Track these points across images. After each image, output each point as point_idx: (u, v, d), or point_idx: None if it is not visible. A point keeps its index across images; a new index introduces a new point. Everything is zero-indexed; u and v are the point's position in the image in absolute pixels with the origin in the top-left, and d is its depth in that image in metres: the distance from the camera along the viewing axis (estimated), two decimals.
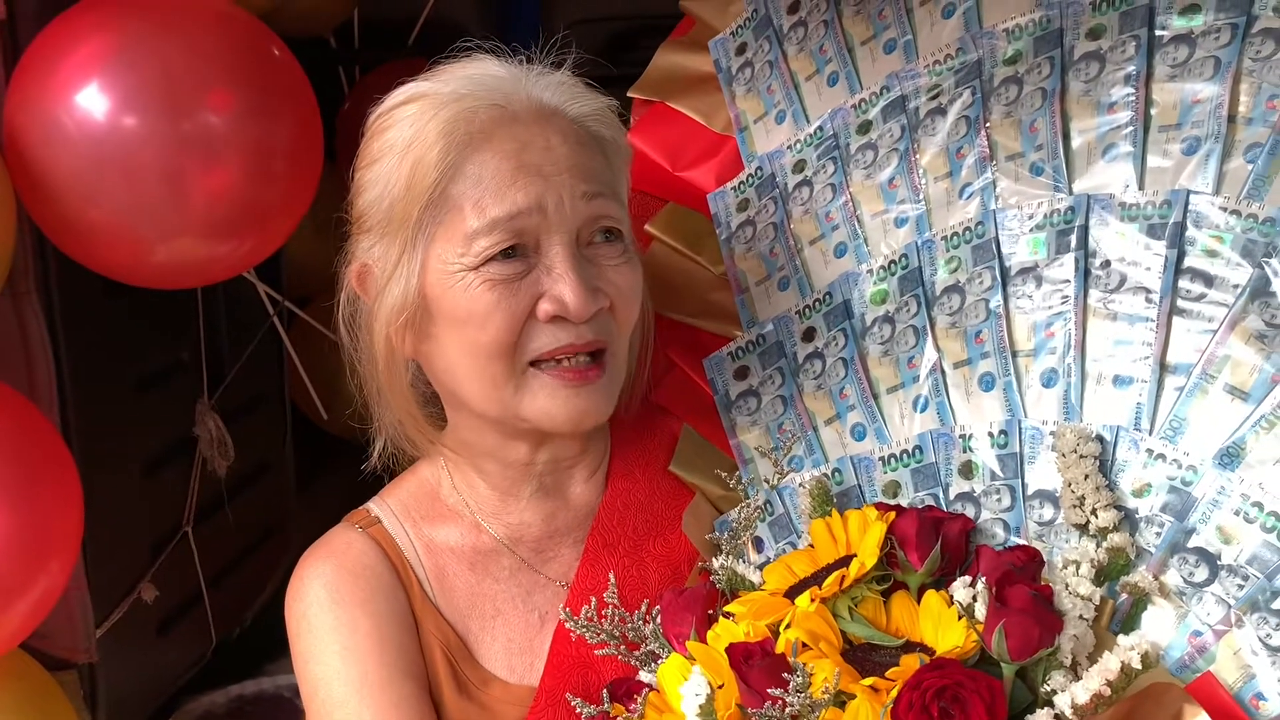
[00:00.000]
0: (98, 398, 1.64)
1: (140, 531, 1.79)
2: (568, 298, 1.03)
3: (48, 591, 1.39)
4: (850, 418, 1.16)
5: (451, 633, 1.11)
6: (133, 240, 1.42)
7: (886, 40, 1.24)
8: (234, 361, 2.03)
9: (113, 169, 1.37)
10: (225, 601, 1.99)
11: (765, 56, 1.34)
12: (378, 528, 1.15)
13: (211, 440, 1.89)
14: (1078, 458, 1.01)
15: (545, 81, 1.10)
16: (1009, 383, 1.08)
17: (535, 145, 1.04)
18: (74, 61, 1.37)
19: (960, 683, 0.86)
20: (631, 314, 1.09)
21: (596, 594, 1.09)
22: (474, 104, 1.05)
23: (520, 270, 1.04)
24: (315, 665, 1.09)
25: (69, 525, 1.42)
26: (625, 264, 1.07)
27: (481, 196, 1.03)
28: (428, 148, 1.04)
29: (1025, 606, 0.91)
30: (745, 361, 1.24)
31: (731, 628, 1.00)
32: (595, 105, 1.10)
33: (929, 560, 1.00)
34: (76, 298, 1.59)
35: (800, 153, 1.27)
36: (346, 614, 1.09)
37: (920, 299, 1.14)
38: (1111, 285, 1.05)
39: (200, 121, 1.40)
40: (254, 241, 1.55)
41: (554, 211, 1.03)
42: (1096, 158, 1.09)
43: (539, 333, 1.04)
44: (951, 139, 1.16)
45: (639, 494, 1.18)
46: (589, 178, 1.05)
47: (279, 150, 1.48)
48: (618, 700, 1.04)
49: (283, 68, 1.53)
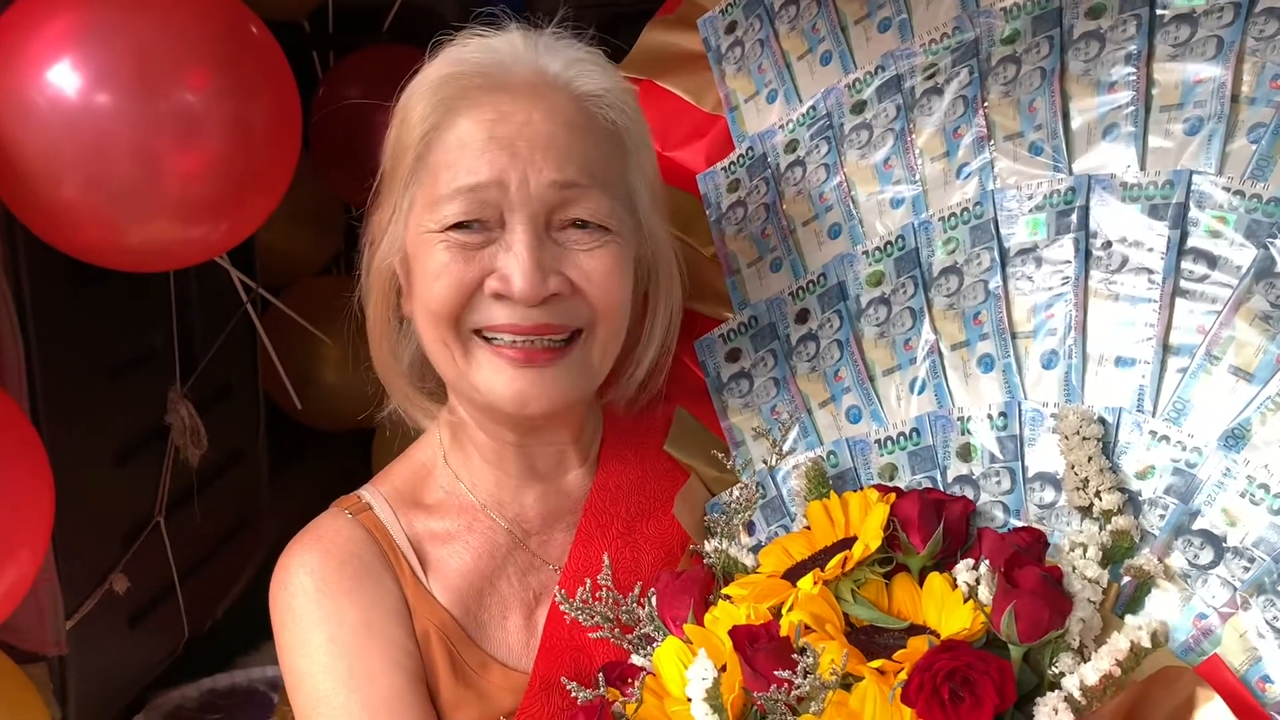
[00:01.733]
0: (69, 384, 1.60)
1: (111, 521, 1.74)
2: (515, 278, 1.00)
3: (16, 583, 1.34)
4: (845, 400, 1.14)
5: (448, 617, 1.07)
6: (105, 221, 1.38)
7: (881, 19, 1.21)
8: (207, 349, 1.98)
9: (84, 148, 1.33)
10: (197, 593, 1.94)
11: (756, 35, 1.30)
12: (368, 514, 1.10)
13: (184, 429, 1.85)
14: (1080, 440, 0.99)
15: (561, 54, 1.06)
16: (1008, 364, 1.06)
17: (514, 119, 1.01)
18: (45, 36, 1.33)
19: (971, 665, 0.84)
20: (612, 298, 1.04)
21: (590, 575, 1.06)
22: (466, 70, 1.04)
23: (479, 241, 1.02)
24: (301, 658, 1.04)
25: (39, 515, 1.37)
26: (599, 249, 1.03)
27: (454, 163, 1.02)
28: (417, 108, 1.05)
29: (1035, 588, 0.89)
30: (737, 344, 1.21)
31: (731, 610, 0.98)
32: (607, 84, 1.06)
33: (931, 542, 0.98)
34: (46, 282, 1.55)
35: (793, 133, 1.24)
36: (333, 604, 1.04)
37: (917, 280, 1.11)
38: (1113, 266, 1.03)
39: (175, 100, 1.36)
40: (229, 224, 1.50)
41: (516, 190, 1.00)
42: (1097, 138, 1.06)
43: (484, 306, 1.02)
44: (948, 119, 1.13)
45: (631, 475, 1.15)
46: (564, 164, 1.01)
47: (256, 130, 1.44)
48: (612, 684, 1.01)
49: (261, 46, 1.48)
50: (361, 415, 2.58)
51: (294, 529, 1.12)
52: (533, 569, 1.12)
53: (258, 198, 1.50)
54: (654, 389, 1.16)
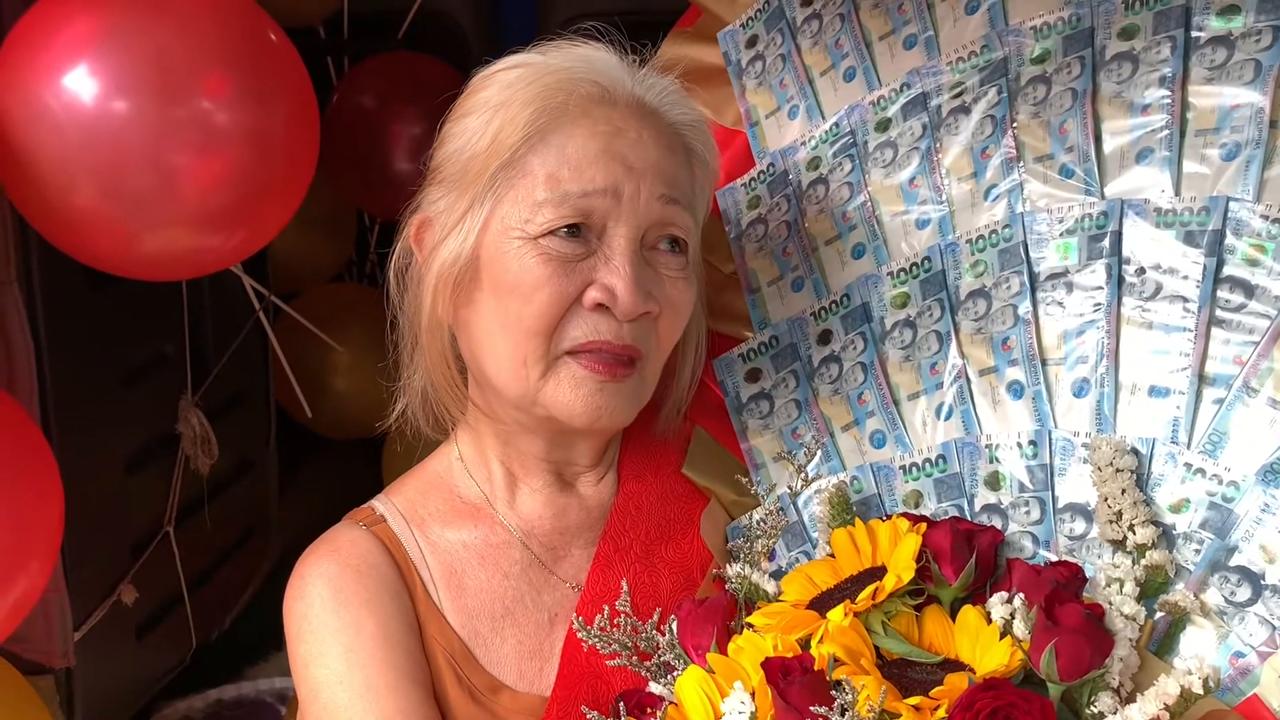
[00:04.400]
0: (80, 393, 1.57)
1: (121, 531, 1.71)
2: (619, 290, 0.98)
3: (26, 593, 1.31)
4: (869, 424, 1.10)
5: (456, 639, 1.04)
6: (120, 229, 1.35)
7: (906, 36, 1.17)
8: (218, 357, 1.95)
9: (101, 155, 1.30)
10: (205, 603, 1.91)
11: (777, 50, 1.27)
12: (382, 526, 1.07)
13: (195, 437, 1.82)
14: (1114, 471, 0.95)
15: (650, 82, 1.06)
16: (1038, 391, 1.02)
17: (628, 135, 1.00)
18: (62, 41, 1.30)
19: (1013, 704, 0.80)
20: (675, 331, 1.05)
21: (608, 601, 1.03)
22: (576, 78, 1.02)
23: (579, 252, 0.99)
24: (317, 668, 1.01)
25: (49, 525, 1.34)
26: (682, 279, 1.03)
27: (560, 168, 0.99)
28: (520, 108, 1.00)
29: (1078, 626, 0.85)
30: (757, 364, 1.17)
31: (755, 640, 0.94)
32: (694, 116, 1.08)
33: (964, 574, 0.94)
34: (59, 289, 1.52)
35: (815, 149, 1.20)
36: (351, 614, 1.01)
37: (944, 303, 1.07)
38: (1147, 293, 0.99)
39: (193, 107, 1.33)
40: (245, 234, 1.47)
41: (628, 200, 0.99)
42: (1130, 161, 1.02)
43: (581, 320, 1.00)
44: (976, 139, 1.10)
45: (650, 497, 1.11)
46: (671, 182, 1.02)
47: (274, 139, 1.41)
48: (631, 713, 0.98)
49: (279, 53, 1.45)
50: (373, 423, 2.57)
51: (303, 538, 1.09)
52: (548, 587, 1.08)
53: (274, 206, 1.47)
54: (678, 410, 1.15)
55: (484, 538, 1.08)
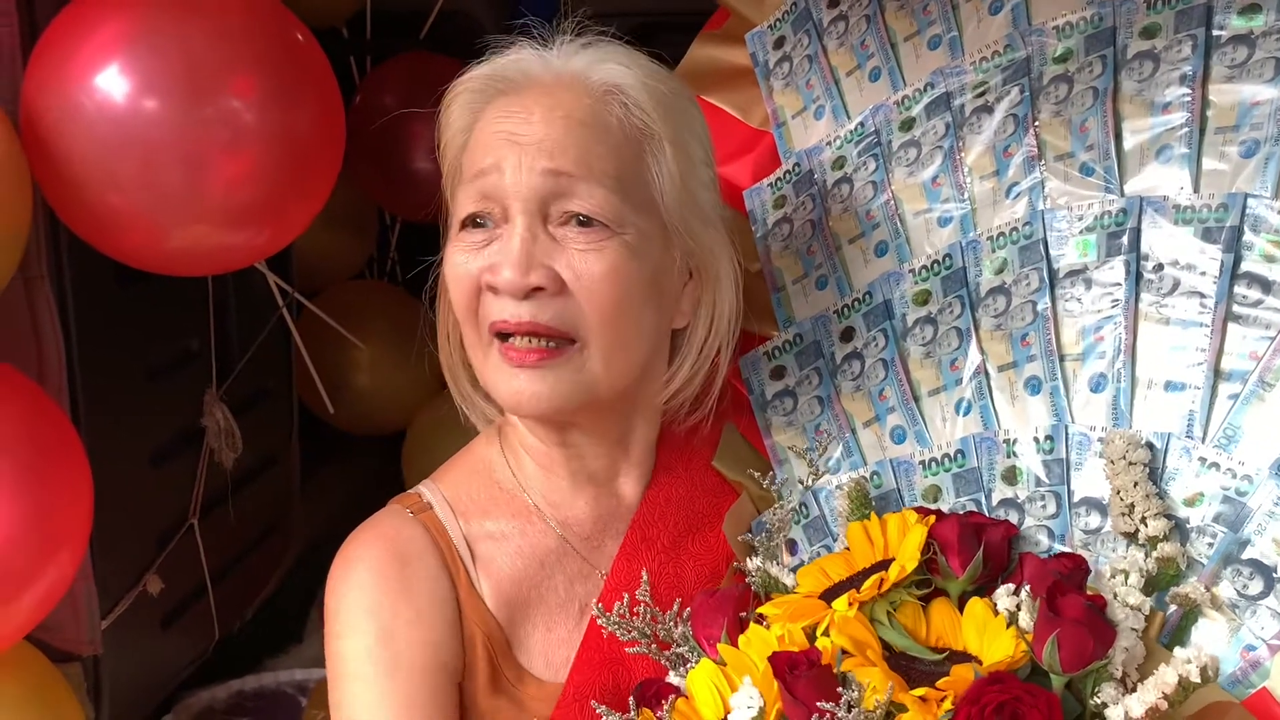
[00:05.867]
0: (108, 386, 1.61)
1: (147, 523, 1.76)
2: (502, 267, 1.03)
3: (56, 582, 1.36)
4: (890, 420, 1.13)
5: (494, 624, 1.09)
6: (149, 225, 1.40)
7: (931, 36, 1.21)
8: (242, 353, 2.00)
9: (131, 153, 1.34)
10: (228, 595, 1.95)
11: (804, 51, 1.30)
12: (429, 514, 1.12)
13: (219, 431, 1.86)
14: (1126, 465, 0.99)
15: (587, 55, 1.08)
16: (1056, 387, 1.05)
17: (517, 115, 1.05)
18: (95, 43, 1.34)
19: (1019, 698, 0.84)
20: (602, 303, 1.03)
21: (630, 590, 1.06)
22: (488, 77, 1.08)
23: (484, 239, 1.05)
24: (349, 642, 1.06)
25: (78, 515, 1.39)
26: (593, 250, 1.03)
27: (468, 162, 1.07)
28: (448, 121, 1.10)
29: (1079, 617, 0.88)
30: (781, 361, 1.21)
31: (762, 633, 0.97)
32: (624, 81, 1.06)
33: (971, 567, 0.97)
34: (88, 284, 1.56)
35: (840, 149, 1.24)
36: (390, 599, 1.06)
37: (964, 300, 1.11)
38: (1164, 289, 1.02)
39: (222, 106, 1.37)
40: (271, 231, 1.51)
41: (510, 175, 1.03)
42: (1150, 159, 1.06)
43: (489, 302, 1.05)
44: (999, 137, 1.13)
45: (680, 490, 1.15)
46: (557, 154, 1.02)
47: (301, 138, 1.45)
48: (645, 704, 1.01)
49: (306, 53, 1.49)
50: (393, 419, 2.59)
51: (324, 533, 1.14)
52: (581, 576, 1.13)
53: (300, 205, 1.51)
54: (706, 406, 1.16)
55: (520, 528, 1.13)
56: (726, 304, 1.13)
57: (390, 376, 2.51)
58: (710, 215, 1.11)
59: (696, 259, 1.10)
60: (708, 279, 1.12)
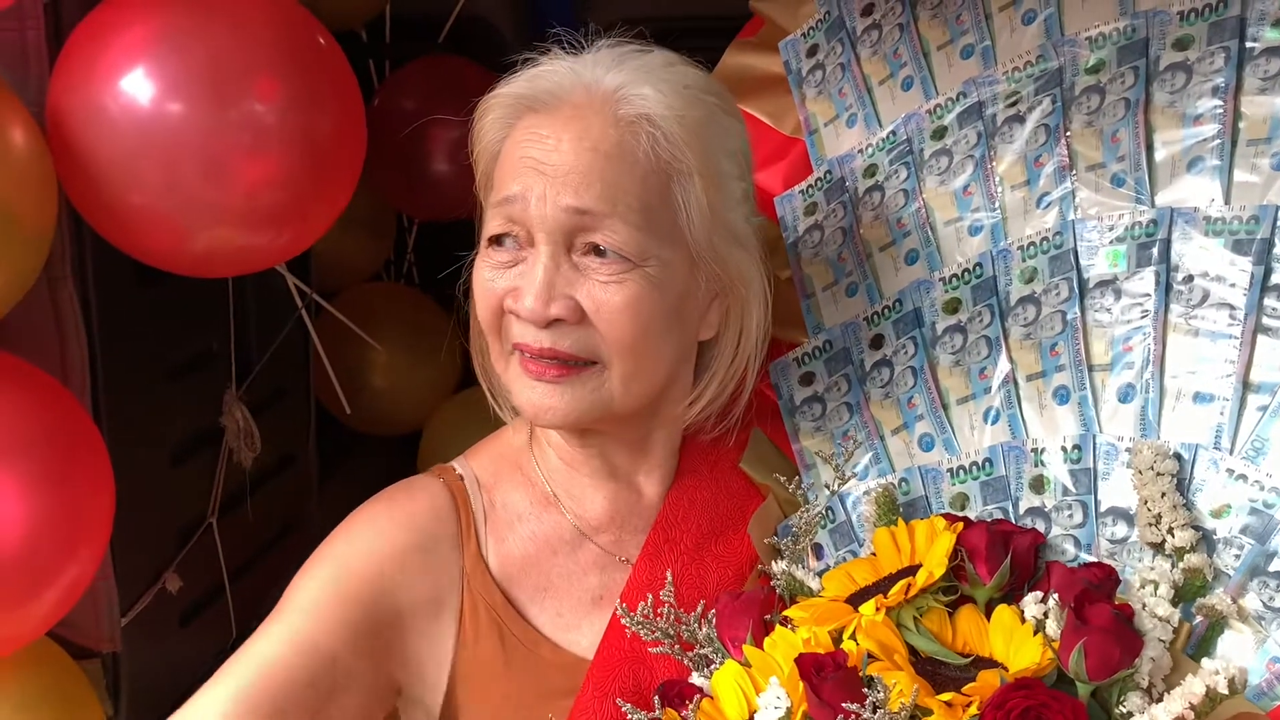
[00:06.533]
0: (130, 385, 1.63)
1: (166, 521, 1.78)
2: (524, 296, 1.06)
3: (78, 579, 1.37)
4: (918, 427, 1.15)
5: (498, 593, 1.13)
6: (173, 227, 1.41)
7: (964, 45, 1.22)
8: (261, 353, 2.01)
9: (155, 155, 1.36)
10: (245, 594, 1.96)
11: (837, 59, 1.32)
12: (459, 483, 1.18)
13: (238, 431, 1.88)
14: (1154, 475, 1.00)
15: (623, 70, 1.08)
16: (1084, 397, 1.07)
17: (546, 141, 1.06)
18: (120, 45, 1.36)
19: (1045, 704, 0.85)
20: (621, 334, 1.06)
21: (653, 590, 1.09)
22: (519, 92, 1.09)
23: (508, 260, 1.08)
24: (302, 573, 1.13)
25: (100, 513, 1.40)
26: (614, 283, 1.05)
27: (497, 180, 1.10)
28: (481, 132, 1.12)
29: (1106, 625, 0.90)
30: (811, 367, 1.23)
31: (789, 635, 0.98)
32: (654, 109, 1.06)
33: (998, 574, 0.99)
34: (111, 284, 1.58)
35: (872, 157, 1.25)
36: (355, 548, 1.12)
37: (994, 309, 1.12)
38: (1194, 301, 1.03)
39: (245, 109, 1.39)
40: (293, 233, 1.53)
41: (534, 207, 1.05)
42: (1181, 170, 1.07)
43: (512, 323, 1.09)
44: (1030, 147, 1.15)
45: (705, 493, 1.18)
46: (581, 190, 1.04)
47: (323, 141, 1.46)
48: (669, 704, 1.02)
49: (328, 57, 1.51)
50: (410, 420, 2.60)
51: None
52: (596, 567, 1.16)
53: (322, 207, 1.53)
54: (732, 419, 1.18)
55: (537, 513, 1.17)
56: (754, 324, 1.14)
57: (406, 377, 2.53)
58: (741, 233, 1.12)
59: (723, 281, 1.12)
60: (735, 299, 1.13)
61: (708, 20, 1.52)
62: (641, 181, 1.05)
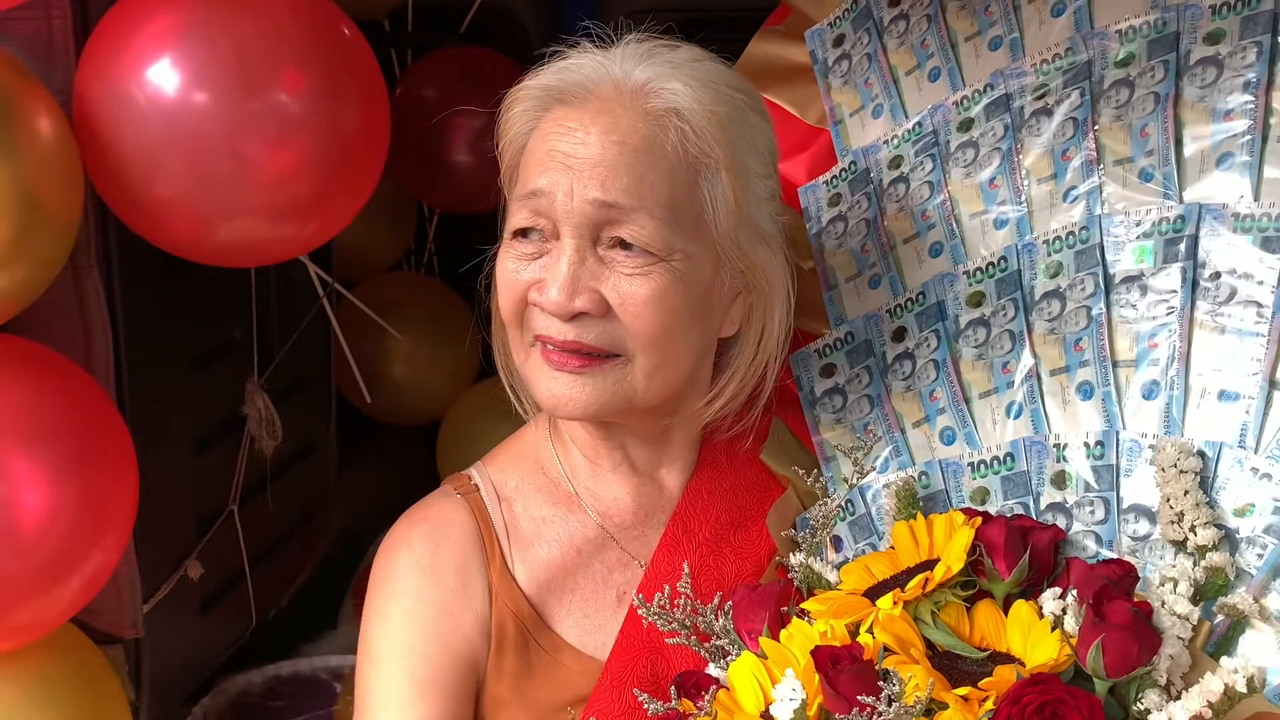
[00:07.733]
0: (153, 373, 1.66)
1: (188, 509, 1.81)
2: (549, 289, 1.07)
3: (101, 566, 1.40)
4: (940, 421, 1.16)
5: (527, 605, 1.14)
6: (198, 217, 1.43)
7: (992, 37, 1.23)
8: (283, 342, 2.04)
9: (181, 145, 1.38)
10: (265, 581, 1.99)
11: (864, 49, 1.33)
12: (475, 496, 1.19)
13: (260, 419, 1.90)
14: (1177, 473, 1.01)
15: (652, 64, 1.09)
16: (1108, 393, 1.07)
17: (574, 134, 1.07)
18: (146, 36, 1.38)
19: (1061, 700, 0.86)
20: (645, 328, 1.07)
21: (670, 581, 1.11)
22: (549, 84, 1.10)
23: (534, 252, 1.10)
24: (375, 623, 1.15)
25: (124, 500, 1.43)
26: (639, 276, 1.07)
27: (524, 172, 1.11)
28: (509, 122, 1.13)
29: (1125, 622, 0.91)
30: (832, 359, 1.24)
31: (805, 628, 0.99)
32: (682, 104, 1.07)
33: (1016, 570, 1.01)
34: (136, 274, 1.60)
35: (897, 148, 1.26)
36: (418, 581, 1.14)
37: (1018, 303, 1.13)
38: (1221, 298, 1.04)
39: (271, 100, 1.41)
40: (317, 224, 1.55)
41: (561, 201, 1.06)
42: (1210, 166, 1.08)
43: (535, 314, 1.10)
44: (1057, 140, 1.16)
45: (723, 484, 1.19)
46: (608, 183, 1.05)
47: (347, 132, 1.48)
48: (686, 694, 1.03)
49: (354, 48, 1.52)
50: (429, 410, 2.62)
51: (359, 521, 1.18)
52: (620, 566, 1.17)
53: (345, 198, 1.55)
54: (751, 418, 1.19)
55: (561, 515, 1.18)
56: (776, 323, 1.16)
57: (426, 367, 2.56)
58: (766, 230, 1.14)
59: (747, 279, 1.14)
60: (759, 297, 1.15)
61: (726, 11, 1.53)
62: (669, 176, 1.07)
